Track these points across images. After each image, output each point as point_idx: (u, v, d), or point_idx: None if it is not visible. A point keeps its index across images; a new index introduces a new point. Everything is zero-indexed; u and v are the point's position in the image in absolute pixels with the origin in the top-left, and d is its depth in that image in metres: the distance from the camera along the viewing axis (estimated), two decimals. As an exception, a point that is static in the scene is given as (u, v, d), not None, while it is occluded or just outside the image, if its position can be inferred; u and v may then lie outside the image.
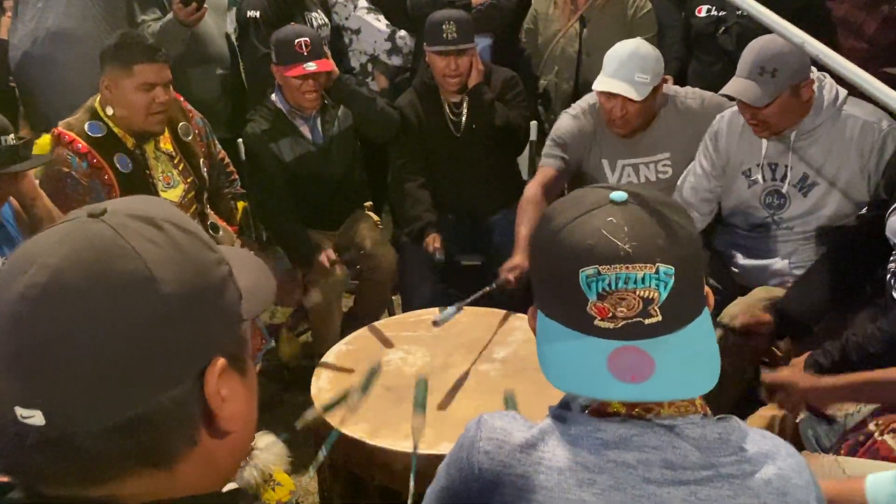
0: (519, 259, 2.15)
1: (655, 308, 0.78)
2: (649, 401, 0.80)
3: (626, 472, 0.78)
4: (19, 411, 0.55)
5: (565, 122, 2.43)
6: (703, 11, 2.69)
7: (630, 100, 2.19)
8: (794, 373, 1.58)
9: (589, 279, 0.78)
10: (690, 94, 2.36)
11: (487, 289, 2.07)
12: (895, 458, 1.37)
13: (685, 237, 0.81)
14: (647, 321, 0.78)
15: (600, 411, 0.82)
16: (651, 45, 2.30)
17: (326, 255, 2.50)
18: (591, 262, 0.79)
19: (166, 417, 0.56)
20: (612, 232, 0.79)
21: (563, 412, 0.85)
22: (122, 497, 0.57)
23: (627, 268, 0.78)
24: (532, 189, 2.39)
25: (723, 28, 2.63)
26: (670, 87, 2.40)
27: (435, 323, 1.95)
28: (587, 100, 2.44)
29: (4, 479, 0.59)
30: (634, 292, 0.78)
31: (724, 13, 2.60)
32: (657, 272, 0.78)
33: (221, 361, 0.59)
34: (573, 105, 2.48)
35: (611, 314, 0.78)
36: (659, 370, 0.78)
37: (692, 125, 2.30)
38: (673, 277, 0.78)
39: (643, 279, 0.78)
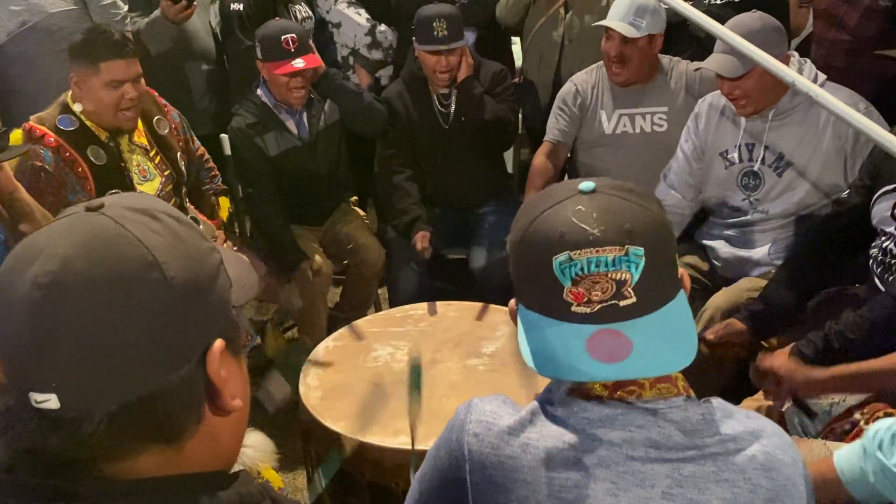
0: None
1: (629, 290, 0.80)
2: (628, 378, 0.82)
3: (610, 449, 0.80)
4: (34, 396, 0.57)
5: (567, 87, 2.58)
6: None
7: (627, 42, 2.34)
8: (787, 363, 1.57)
9: (562, 265, 0.81)
10: (694, 64, 2.46)
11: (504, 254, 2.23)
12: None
13: (653, 220, 0.83)
14: (622, 303, 0.80)
15: (583, 393, 0.84)
16: None
17: (310, 268, 2.47)
18: (563, 249, 0.81)
19: (174, 396, 0.60)
20: (580, 219, 0.82)
21: (548, 396, 0.87)
22: (134, 473, 0.60)
23: (597, 251, 0.80)
24: (539, 158, 2.58)
25: None
26: (675, 57, 2.52)
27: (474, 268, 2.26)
28: (595, 64, 2.58)
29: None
30: (607, 275, 0.80)
31: (690, 2, 2.62)
32: (627, 254, 0.80)
33: (220, 342, 0.63)
34: (576, 74, 2.60)
35: (586, 298, 0.81)
36: (636, 349, 0.80)
37: (692, 87, 2.43)
38: (643, 258, 0.80)
39: (614, 261, 0.80)
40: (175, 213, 0.65)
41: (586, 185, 0.85)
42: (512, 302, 0.90)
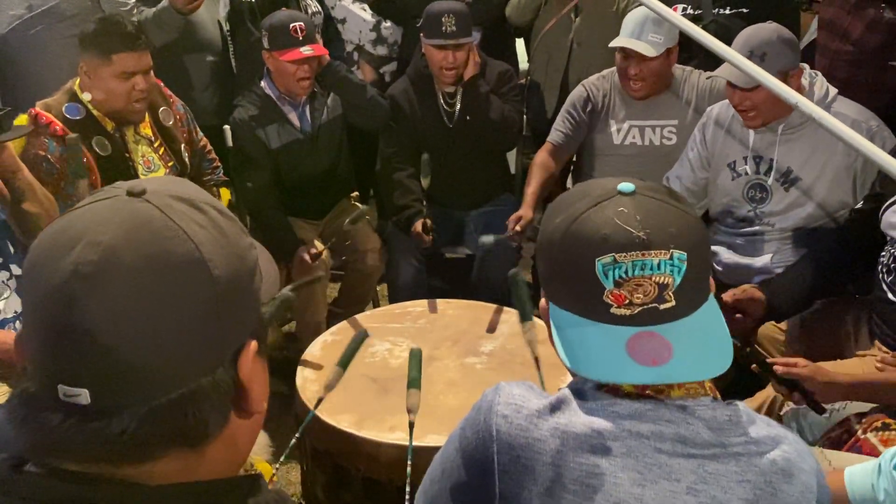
0: (523, 211, 2.37)
1: (670, 293, 0.81)
2: (670, 382, 0.82)
3: (638, 440, 0.80)
4: (63, 389, 0.54)
5: (579, 90, 2.56)
6: (678, 10, 2.69)
7: (645, 59, 2.32)
8: (809, 368, 1.57)
9: (605, 267, 0.81)
10: (706, 74, 2.45)
11: (505, 234, 2.31)
12: (878, 455, 1.39)
13: (694, 224, 0.84)
14: (661, 306, 0.81)
15: (612, 389, 0.84)
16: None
17: (308, 252, 2.46)
18: (607, 251, 0.81)
19: (206, 398, 0.57)
20: (625, 221, 0.81)
21: (577, 387, 0.87)
22: (153, 477, 0.57)
23: (643, 254, 0.80)
24: (541, 155, 2.58)
25: (699, 26, 2.64)
26: (687, 67, 2.51)
27: (482, 244, 2.27)
28: (607, 69, 2.56)
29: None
30: (650, 278, 0.80)
31: (699, 11, 2.62)
32: (671, 258, 0.80)
33: (255, 344, 0.61)
34: (589, 77, 2.59)
35: (627, 301, 0.81)
36: (677, 353, 0.80)
37: (703, 100, 2.41)
38: (686, 263, 0.81)
39: (658, 265, 0.80)
40: (218, 205, 0.62)
41: (626, 185, 0.84)
42: (542, 301, 0.90)
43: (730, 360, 0.83)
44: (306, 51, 2.43)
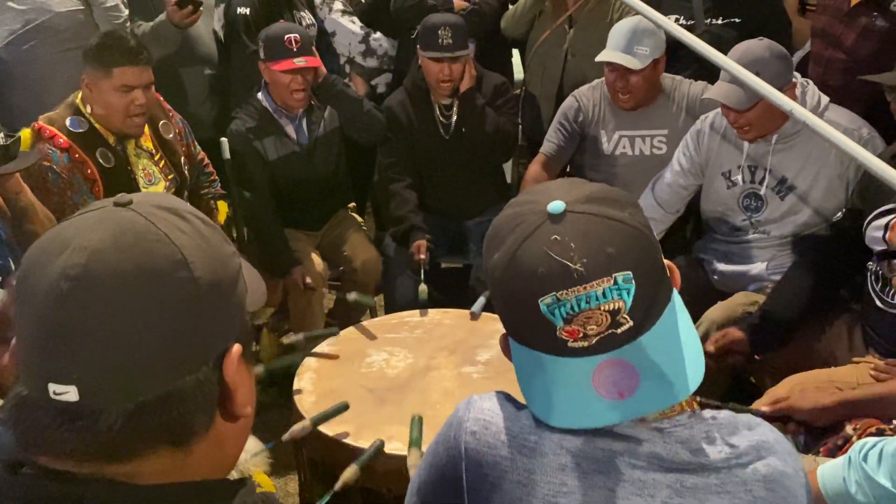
0: None
1: (624, 315, 0.77)
2: (642, 416, 0.79)
3: (611, 457, 0.78)
4: (53, 387, 0.56)
5: (570, 101, 2.57)
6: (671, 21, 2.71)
7: (632, 71, 2.32)
8: (791, 397, 1.57)
9: (550, 307, 0.76)
10: (696, 83, 2.46)
11: None
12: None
13: (631, 234, 0.78)
14: (619, 330, 0.77)
15: None
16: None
17: (302, 277, 2.47)
18: (548, 290, 0.76)
19: (190, 398, 0.59)
20: (559, 253, 0.76)
21: None
22: (142, 476, 0.59)
23: (585, 288, 0.75)
24: (534, 167, 2.58)
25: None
26: (677, 76, 2.51)
27: (473, 315, 2.10)
28: (597, 80, 2.57)
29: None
30: (599, 309, 0.76)
31: (692, 22, 2.64)
32: (615, 283, 0.76)
33: (238, 347, 0.63)
34: (580, 88, 2.59)
35: (582, 334, 0.77)
36: (644, 379, 0.76)
37: (693, 109, 2.42)
38: (633, 282, 0.76)
39: (604, 294, 0.76)
40: (200, 215, 0.65)
41: (555, 206, 0.78)
42: (502, 337, 0.87)
43: (702, 371, 0.79)
44: (299, 62, 2.44)
